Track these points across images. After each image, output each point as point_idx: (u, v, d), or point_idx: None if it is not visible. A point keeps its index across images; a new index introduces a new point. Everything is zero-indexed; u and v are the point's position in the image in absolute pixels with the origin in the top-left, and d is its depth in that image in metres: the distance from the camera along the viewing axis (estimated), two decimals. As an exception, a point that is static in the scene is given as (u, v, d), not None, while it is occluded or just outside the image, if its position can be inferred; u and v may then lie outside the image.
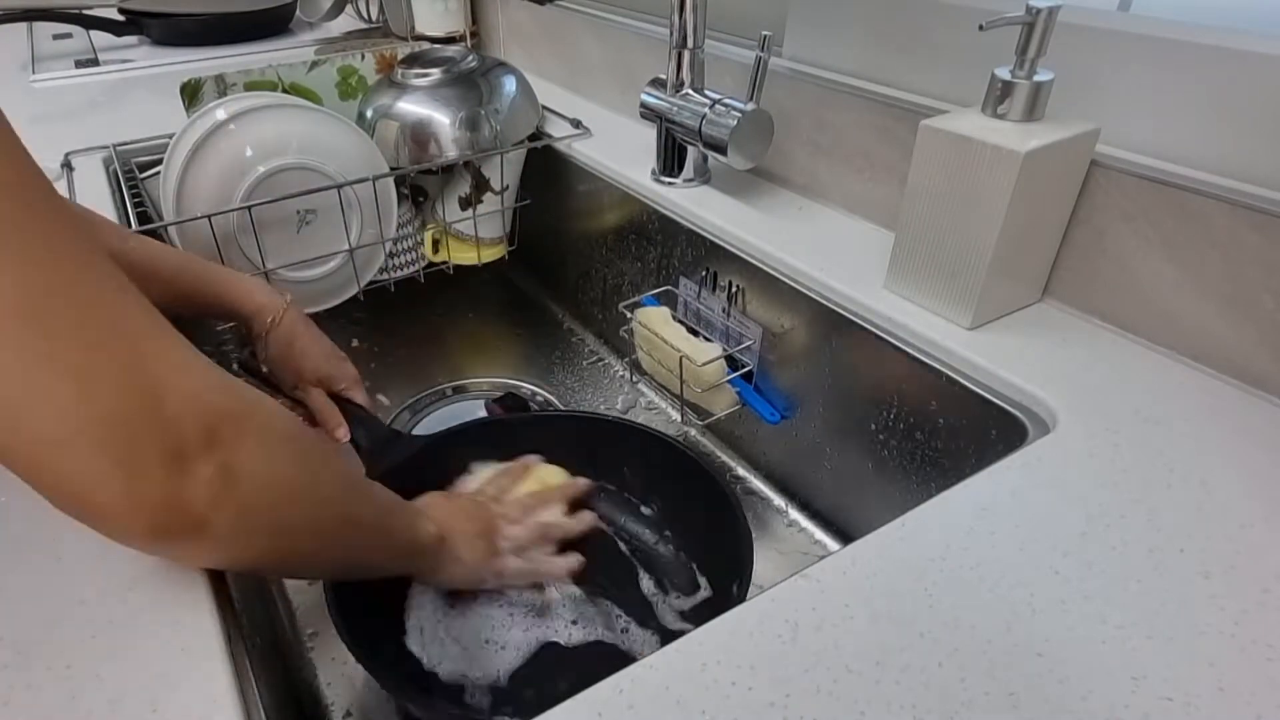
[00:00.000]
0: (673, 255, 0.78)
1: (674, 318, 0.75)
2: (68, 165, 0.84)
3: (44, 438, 0.28)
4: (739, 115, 0.69)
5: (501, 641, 0.55)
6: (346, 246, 0.78)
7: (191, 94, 0.81)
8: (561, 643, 0.56)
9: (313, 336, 0.63)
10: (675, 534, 0.65)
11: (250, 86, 0.83)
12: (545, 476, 0.63)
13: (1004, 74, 0.53)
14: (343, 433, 0.63)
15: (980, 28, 0.50)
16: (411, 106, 0.81)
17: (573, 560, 0.57)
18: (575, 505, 0.61)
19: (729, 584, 0.54)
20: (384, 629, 0.54)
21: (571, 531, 0.59)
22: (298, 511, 0.37)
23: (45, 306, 0.28)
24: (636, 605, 0.60)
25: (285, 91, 0.86)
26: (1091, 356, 0.54)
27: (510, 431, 0.69)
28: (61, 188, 0.79)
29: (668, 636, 0.58)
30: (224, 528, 0.33)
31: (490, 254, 0.91)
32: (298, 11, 1.40)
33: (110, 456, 0.29)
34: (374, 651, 0.50)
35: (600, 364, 0.95)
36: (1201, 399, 0.50)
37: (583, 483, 0.63)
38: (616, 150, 0.88)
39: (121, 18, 1.30)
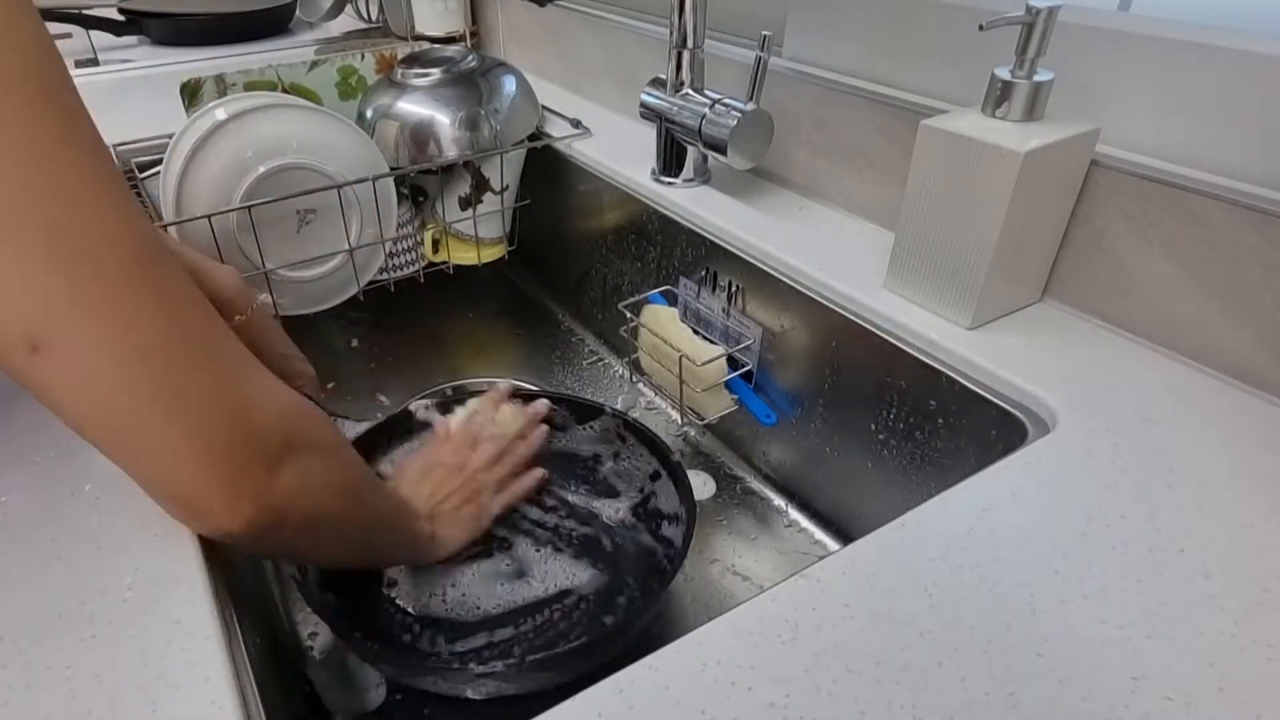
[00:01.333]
0: (673, 255, 0.78)
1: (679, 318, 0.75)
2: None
3: (155, 452, 0.34)
4: (739, 115, 0.69)
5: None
6: (346, 246, 0.78)
7: (191, 94, 0.81)
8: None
9: (278, 334, 0.63)
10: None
11: (250, 86, 0.83)
12: (504, 418, 0.68)
13: (1004, 74, 0.52)
14: None
15: (980, 28, 0.50)
16: (411, 106, 0.81)
17: (538, 473, 0.66)
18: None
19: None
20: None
21: (535, 449, 0.67)
22: (346, 504, 0.44)
23: (173, 350, 0.33)
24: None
25: (285, 91, 0.86)
26: (1091, 356, 0.54)
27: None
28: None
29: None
30: (297, 518, 0.39)
31: (490, 254, 0.91)
32: (297, 11, 1.40)
33: (219, 468, 0.35)
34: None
35: (600, 364, 0.95)
36: (1201, 399, 0.50)
37: (539, 406, 0.69)
38: (616, 150, 0.88)
39: (121, 18, 1.30)
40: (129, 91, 1.11)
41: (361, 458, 0.49)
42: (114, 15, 1.29)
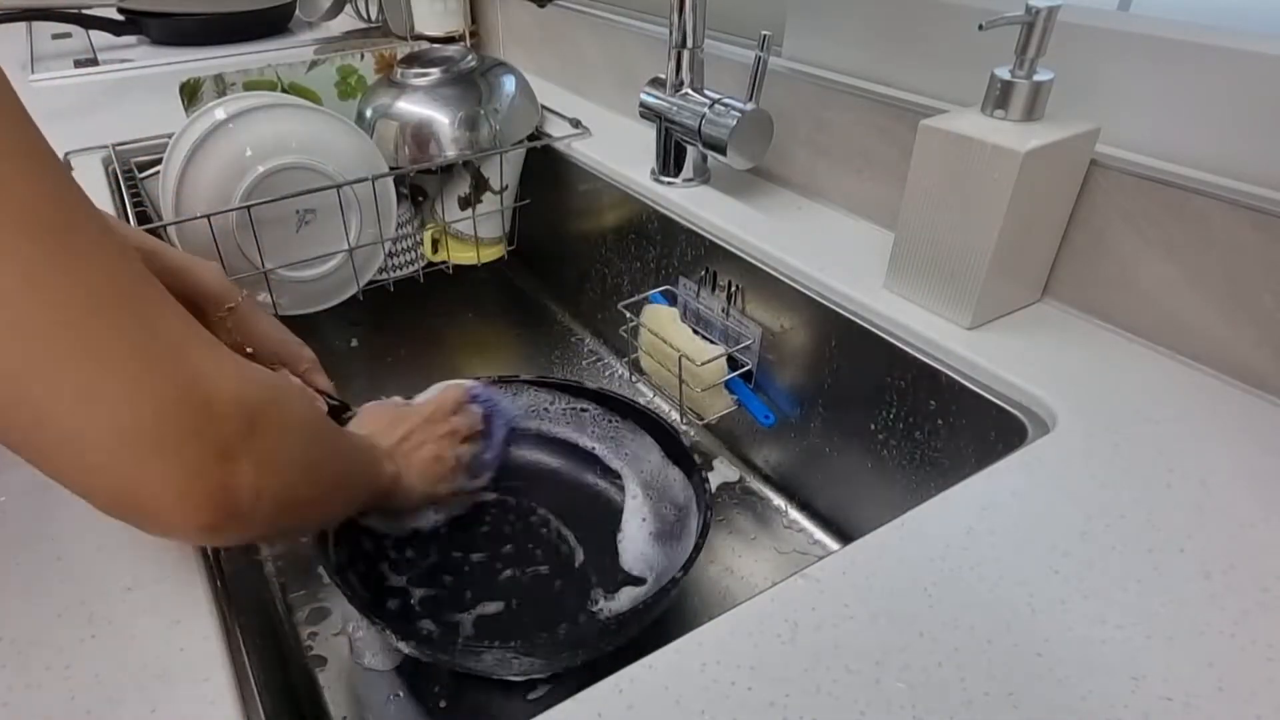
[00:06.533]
0: (672, 255, 0.78)
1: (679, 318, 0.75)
2: (67, 165, 0.84)
3: (94, 444, 0.29)
4: (738, 115, 0.69)
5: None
6: (346, 246, 0.78)
7: (191, 94, 0.81)
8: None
9: (269, 321, 0.61)
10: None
11: (250, 86, 0.83)
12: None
13: (1004, 74, 0.52)
14: None
15: (980, 27, 0.50)
16: (411, 106, 0.81)
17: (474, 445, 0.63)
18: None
19: None
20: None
21: (476, 425, 0.64)
22: (311, 489, 0.40)
23: (92, 318, 0.28)
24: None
25: (285, 91, 0.86)
26: (1091, 356, 0.54)
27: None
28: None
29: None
30: (262, 514, 0.34)
31: (489, 254, 0.91)
32: (297, 11, 1.40)
33: (166, 457, 0.30)
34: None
35: (599, 364, 0.95)
36: (1201, 399, 0.50)
37: (467, 386, 0.66)
38: (616, 150, 0.88)
39: (121, 17, 1.30)
40: (129, 91, 1.11)
41: (334, 422, 0.47)
42: (114, 15, 1.29)
